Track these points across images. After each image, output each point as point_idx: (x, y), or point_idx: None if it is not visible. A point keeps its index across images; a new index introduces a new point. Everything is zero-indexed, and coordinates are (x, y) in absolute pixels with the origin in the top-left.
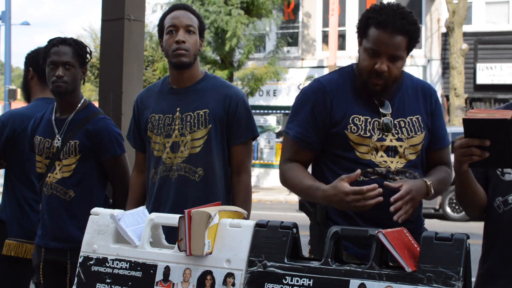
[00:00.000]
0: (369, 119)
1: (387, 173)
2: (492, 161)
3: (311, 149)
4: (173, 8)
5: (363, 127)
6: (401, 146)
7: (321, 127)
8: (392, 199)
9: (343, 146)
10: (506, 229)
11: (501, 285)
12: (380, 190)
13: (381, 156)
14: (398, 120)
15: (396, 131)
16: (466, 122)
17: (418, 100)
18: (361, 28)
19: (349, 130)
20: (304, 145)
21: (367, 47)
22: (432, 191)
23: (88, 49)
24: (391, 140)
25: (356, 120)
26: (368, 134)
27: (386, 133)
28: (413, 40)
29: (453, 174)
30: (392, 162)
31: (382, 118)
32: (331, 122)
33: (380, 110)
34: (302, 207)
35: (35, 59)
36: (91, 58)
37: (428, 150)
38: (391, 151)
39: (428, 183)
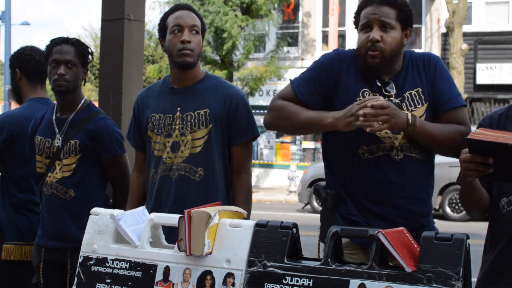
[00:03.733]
0: (377, 95)
1: (391, 149)
2: (496, 175)
3: (304, 101)
4: (176, 7)
5: None
6: None
7: (325, 86)
8: (370, 103)
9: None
10: (509, 229)
11: (504, 285)
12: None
13: (386, 132)
14: (399, 98)
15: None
16: (469, 142)
17: (419, 72)
18: (356, 17)
19: (357, 102)
20: (300, 95)
21: (360, 26)
22: (412, 122)
23: (90, 50)
24: None
25: (366, 94)
26: None
27: None
28: (403, 12)
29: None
30: (397, 138)
31: (388, 99)
32: (336, 88)
33: (384, 89)
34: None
35: (19, 59)
36: (92, 58)
37: (436, 113)
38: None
39: (409, 115)
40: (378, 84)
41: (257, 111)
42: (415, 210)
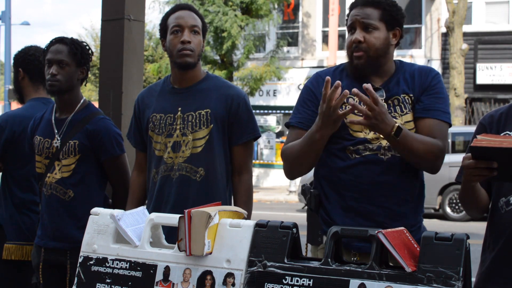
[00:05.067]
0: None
1: (378, 149)
2: (500, 177)
3: (306, 128)
4: (177, 8)
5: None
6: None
7: (316, 101)
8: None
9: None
10: (507, 229)
11: (502, 285)
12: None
13: (374, 133)
14: (392, 99)
15: (389, 111)
16: (473, 149)
17: (414, 80)
18: (347, 22)
19: (344, 108)
20: (298, 124)
21: (347, 28)
22: (395, 133)
23: (89, 50)
24: None
25: (351, 100)
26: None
27: None
28: (387, 12)
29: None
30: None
31: None
32: None
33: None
34: (303, 192)
35: (23, 59)
36: (90, 59)
37: (416, 119)
38: None
39: (397, 123)
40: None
41: (257, 111)
42: (399, 210)
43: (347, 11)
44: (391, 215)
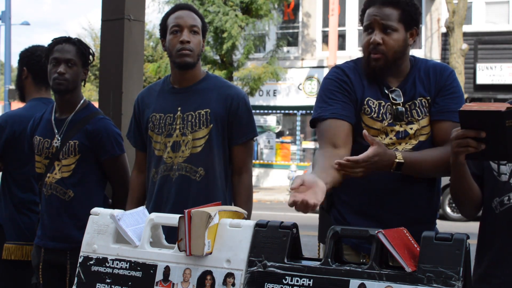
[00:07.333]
0: (383, 103)
1: None
2: (488, 153)
3: (349, 121)
4: (176, 8)
5: (376, 110)
6: (411, 129)
7: (350, 101)
8: (347, 158)
9: (355, 129)
10: (502, 229)
11: (496, 285)
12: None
13: (390, 138)
14: (409, 103)
15: (406, 115)
16: (462, 113)
17: (429, 80)
18: (361, 17)
19: (363, 111)
20: (337, 116)
21: (363, 26)
22: (395, 168)
23: (91, 51)
24: (401, 126)
25: (370, 102)
26: (380, 118)
27: (397, 122)
28: (406, 13)
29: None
30: (400, 143)
31: (395, 107)
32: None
33: (391, 96)
34: None
35: (29, 58)
36: (93, 60)
37: (432, 122)
38: (401, 133)
39: (397, 160)
40: (386, 91)
41: (257, 111)
42: (412, 216)
43: (348, 10)
44: (404, 221)
